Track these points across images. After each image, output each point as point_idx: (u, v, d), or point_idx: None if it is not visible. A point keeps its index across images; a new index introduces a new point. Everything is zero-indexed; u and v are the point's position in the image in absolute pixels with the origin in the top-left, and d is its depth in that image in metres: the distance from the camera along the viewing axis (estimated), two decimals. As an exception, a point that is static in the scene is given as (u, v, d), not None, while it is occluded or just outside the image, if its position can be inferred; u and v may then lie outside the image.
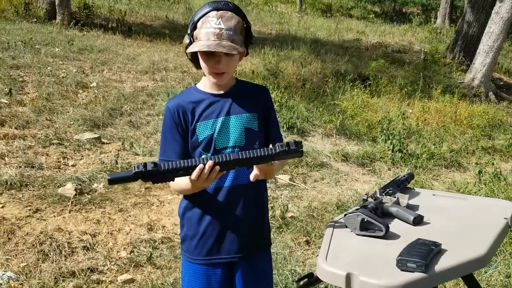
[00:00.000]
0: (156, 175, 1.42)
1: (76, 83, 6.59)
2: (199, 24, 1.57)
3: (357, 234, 1.50)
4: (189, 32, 1.61)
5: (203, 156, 1.50)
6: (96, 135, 5.05)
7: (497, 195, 4.05)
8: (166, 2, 15.17)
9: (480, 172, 4.52)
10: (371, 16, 19.46)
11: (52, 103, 5.74)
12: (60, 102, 5.87)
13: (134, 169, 1.41)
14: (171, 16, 13.38)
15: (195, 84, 1.75)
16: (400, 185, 1.84)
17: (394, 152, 5.76)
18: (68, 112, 5.58)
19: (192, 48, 1.56)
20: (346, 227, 1.53)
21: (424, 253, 1.30)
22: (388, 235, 1.47)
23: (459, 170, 5.93)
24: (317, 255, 3.34)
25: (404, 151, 5.79)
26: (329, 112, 6.98)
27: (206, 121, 1.66)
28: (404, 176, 1.94)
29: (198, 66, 1.66)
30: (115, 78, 7.38)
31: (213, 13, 1.55)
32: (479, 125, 7.97)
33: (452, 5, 18.17)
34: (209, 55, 1.57)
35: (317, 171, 5.08)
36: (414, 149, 6.16)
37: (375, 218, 1.46)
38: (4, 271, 2.65)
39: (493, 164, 4.76)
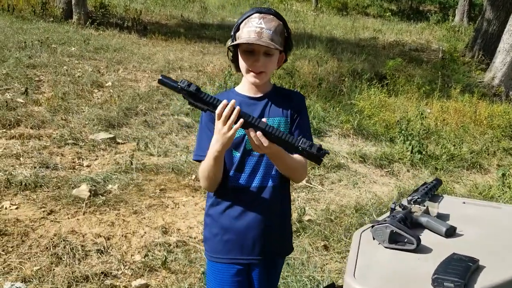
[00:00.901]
0: (194, 97, 1.49)
1: (91, 83, 6.58)
2: (241, 25, 1.64)
3: (385, 247, 1.40)
4: (232, 34, 1.67)
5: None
6: (111, 135, 5.01)
7: (523, 199, 3.91)
8: (181, 1, 15.17)
9: (503, 175, 4.37)
10: (387, 14, 19.23)
11: (68, 103, 5.73)
12: (76, 101, 5.85)
13: (179, 83, 1.48)
14: (186, 15, 13.37)
15: (234, 87, 1.80)
16: (429, 193, 1.74)
17: (413, 153, 5.62)
18: (83, 111, 5.55)
19: (233, 43, 1.62)
20: (374, 239, 1.44)
21: (461, 271, 1.20)
22: (420, 249, 1.37)
23: (480, 172, 5.76)
24: (336, 261, 3.26)
25: (424, 152, 5.65)
26: (346, 112, 6.85)
27: None
28: (432, 182, 1.83)
29: (238, 68, 1.70)
30: (130, 77, 7.36)
31: (256, 14, 1.63)
32: (499, 125, 7.76)
33: (470, 3, 17.84)
34: (248, 53, 1.62)
35: (334, 172, 4.97)
36: (434, 150, 6.01)
37: (405, 230, 1.37)
38: (13, 283, 2.60)
39: (517, 166, 4.59)
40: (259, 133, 1.46)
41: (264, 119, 1.51)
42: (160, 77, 1.50)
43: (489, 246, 1.45)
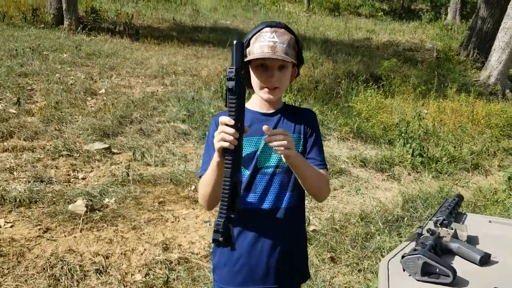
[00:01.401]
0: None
1: (84, 90, 6.44)
2: (252, 40, 1.56)
3: (417, 280, 1.29)
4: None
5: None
6: (106, 145, 4.88)
7: (531, 204, 3.83)
8: (172, 4, 15.03)
9: (510, 178, 4.29)
10: (379, 14, 19.20)
11: (61, 112, 5.59)
12: (69, 110, 5.71)
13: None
14: (178, 18, 13.23)
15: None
16: (453, 212, 1.64)
17: (414, 156, 5.54)
18: (77, 121, 5.41)
19: (246, 59, 1.52)
20: (404, 270, 1.33)
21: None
22: (456, 282, 1.27)
23: (482, 173, 5.69)
24: (344, 274, 3.15)
25: (425, 155, 5.57)
26: (343, 115, 6.77)
27: (251, 137, 1.60)
28: (454, 199, 1.74)
29: (249, 85, 1.62)
30: (124, 83, 7.23)
31: (267, 29, 1.56)
32: (497, 124, 7.72)
33: (462, 1, 17.83)
34: (262, 69, 1.55)
35: (336, 178, 4.87)
36: (433, 152, 5.93)
37: (439, 261, 1.26)
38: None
39: (522, 169, 4.52)
40: (285, 131, 1.37)
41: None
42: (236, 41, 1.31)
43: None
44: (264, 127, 1.39)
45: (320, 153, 1.63)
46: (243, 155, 1.56)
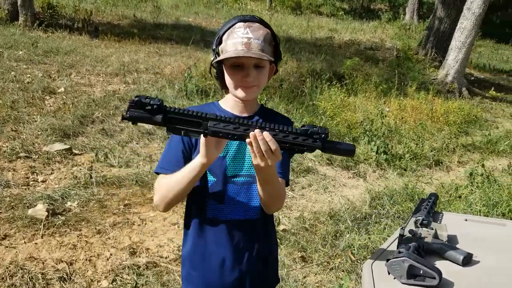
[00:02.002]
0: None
1: (42, 89, 6.17)
2: (224, 37, 1.43)
3: (403, 283, 1.28)
4: (214, 47, 1.46)
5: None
6: (67, 146, 4.69)
7: (492, 199, 3.94)
8: (133, 1, 14.69)
9: (471, 174, 4.42)
10: (340, 13, 19.48)
11: (18, 112, 5.33)
12: (26, 110, 5.46)
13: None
14: (139, 15, 12.94)
15: (217, 100, 1.59)
16: (431, 211, 1.64)
17: (379, 153, 5.62)
18: (36, 121, 5.18)
19: (218, 58, 1.41)
20: (389, 273, 1.31)
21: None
22: (442, 283, 1.25)
23: (443, 169, 5.85)
24: (316, 273, 3.14)
25: (389, 152, 5.66)
26: (309, 114, 6.80)
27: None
28: (430, 199, 1.74)
29: (223, 85, 1.49)
30: (84, 82, 6.99)
31: (240, 24, 1.42)
32: (455, 121, 7.98)
33: (420, 1, 18.34)
34: (237, 68, 1.42)
35: (303, 177, 4.88)
36: (396, 149, 6.05)
37: (424, 264, 1.25)
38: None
39: (483, 166, 4.65)
40: (266, 134, 1.21)
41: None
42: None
43: (510, 275, 1.36)
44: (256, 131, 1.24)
45: (284, 164, 1.52)
46: None
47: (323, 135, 1.25)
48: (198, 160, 1.32)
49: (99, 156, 4.62)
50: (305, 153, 1.27)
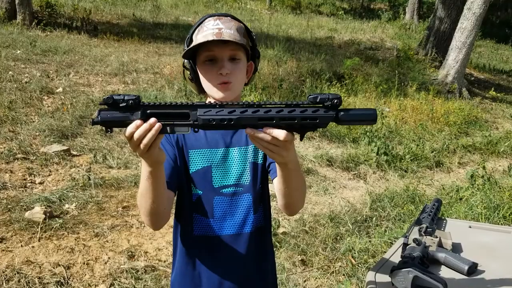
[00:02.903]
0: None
1: (40, 89, 6.13)
2: (194, 34, 1.33)
3: (407, 295, 1.25)
4: (185, 48, 1.35)
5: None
6: (65, 147, 4.65)
7: (493, 201, 3.91)
8: (132, 0, 14.64)
9: (472, 176, 4.38)
10: (340, 12, 19.44)
11: (15, 112, 5.29)
12: (24, 110, 5.42)
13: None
14: (139, 14, 12.89)
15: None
16: (434, 218, 1.61)
17: (379, 154, 5.59)
18: (33, 122, 5.14)
19: (187, 49, 1.30)
20: (393, 284, 1.28)
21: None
22: (447, 295, 1.22)
23: (444, 171, 5.82)
24: (316, 278, 3.11)
25: (389, 153, 5.63)
26: (309, 114, 6.75)
27: (202, 150, 1.37)
28: (434, 204, 1.71)
29: (201, 89, 1.38)
30: (83, 82, 6.94)
31: (209, 18, 1.33)
32: (455, 122, 7.95)
33: (420, 1, 18.31)
34: (210, 64, 1.31)
35: (303, 178, 4.83)
36: (397, 150, 6.01)
37: (429, 275, 1.22)
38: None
39: (484, 167, 4.62)
40: (270, 130, 1.02)
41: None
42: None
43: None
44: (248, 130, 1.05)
45: None
46: (193, 171, 1.36)
47: (335, 101, 1.02)
48: (145, 170, 1.14)
49: (97, 157, 4.58)
50: (319, 129, 1.06)
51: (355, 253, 3.35)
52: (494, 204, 3.87)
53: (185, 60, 1.35)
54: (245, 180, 1.38)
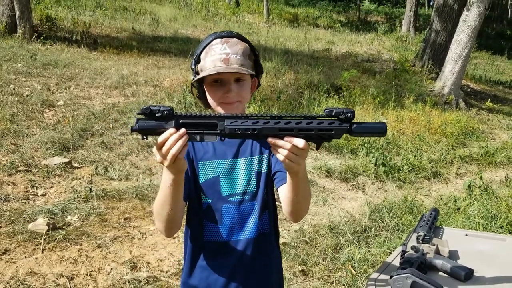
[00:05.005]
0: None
1: (41, 102, 6.18)
2: (202, 55, 1.41)
3: (406, 301, 1.29)
4: (192, 67, 1.44)
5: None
6: (67, 159, 4.70)
7: (491, 211, 3.96)
8: (131, 13, 14.79)
9: (469, 186, 4.44)
10: (337, 25, 19.62)
11: (17, 125, 5.34)
12: (26, 123, 5.47)
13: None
14: (138, 28, 13.01)
15: None
16: (432, 227, 1.66)
17: (377, 165, 5.65)
18: (35, 134, 5.19)
19: (197, 76, 1.39)
20: (392, 291, 1.33)
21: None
22: (444, 300, 1.27)
23: (441, 181, 5.87)
24: (316, 287, 3.14)
25: (387, 164, 5.69)
26: (307, 126, 6.82)
27: (211, 161, 1.46)
28: (431, 214, 1.76)
29: (207, 104, 1.47)
30: (83, 94, 7.01)
31: (217, 40, 1.41)
32: (452, 133, 8.03)
33: (416, 14, 18.52)
34: (217, 85, 1.40)
35: (302, 189, 4.88)
36: (395, 161, 6.08)
37: (428, 280, 1.27)
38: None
39: (481, 178, 4.68)
40: (291, 139, 1.11)
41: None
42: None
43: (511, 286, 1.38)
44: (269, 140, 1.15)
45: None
46: (202, 181, 1.45)
47: (349, 114, 1.13)
48: (169, 177, 1.23)
49: (99, 169, 4.63)
50: (333, 139, 1.16)
51: (354, 263, 3.39)
52: (491, 214, 3.93)
53: (194, 80, 1.44)
54: (251, 189, 1.46)
